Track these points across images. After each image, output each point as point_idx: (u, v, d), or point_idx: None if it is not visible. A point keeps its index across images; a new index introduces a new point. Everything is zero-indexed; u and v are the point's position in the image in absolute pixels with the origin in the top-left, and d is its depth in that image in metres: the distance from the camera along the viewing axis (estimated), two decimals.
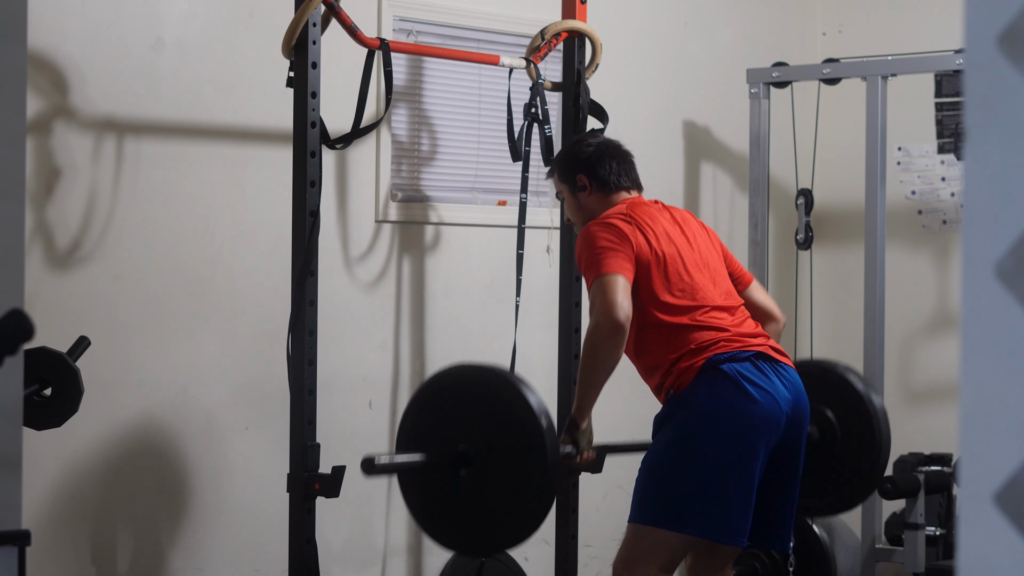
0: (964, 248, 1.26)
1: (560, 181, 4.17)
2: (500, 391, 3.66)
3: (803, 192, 5.84)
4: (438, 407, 3.76)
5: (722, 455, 3.78)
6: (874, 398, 4.36)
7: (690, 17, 5.90)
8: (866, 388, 4.38)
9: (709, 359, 3.82)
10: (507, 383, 3.66)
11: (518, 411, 3.59)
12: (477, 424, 3.67)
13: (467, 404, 3.71)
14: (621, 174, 4.13)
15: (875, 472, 4.36)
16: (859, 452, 4.32)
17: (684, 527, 3.80)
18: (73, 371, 3.67)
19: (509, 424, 3.61)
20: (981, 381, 1.24)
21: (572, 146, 4.24)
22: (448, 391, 3.77)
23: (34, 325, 2.07)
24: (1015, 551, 1.22)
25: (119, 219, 4.38)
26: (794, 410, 3.88)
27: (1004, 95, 1.23)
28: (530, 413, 3.57)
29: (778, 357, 3.91)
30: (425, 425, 3.77)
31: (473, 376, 3.78)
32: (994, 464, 1.23)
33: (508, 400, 3.62)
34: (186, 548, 4.53)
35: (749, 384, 3.80)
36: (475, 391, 3.72)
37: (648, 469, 3.88)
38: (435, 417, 3.75)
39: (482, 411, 3.67)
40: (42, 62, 4.24)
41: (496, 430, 3.64)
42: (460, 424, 3.69)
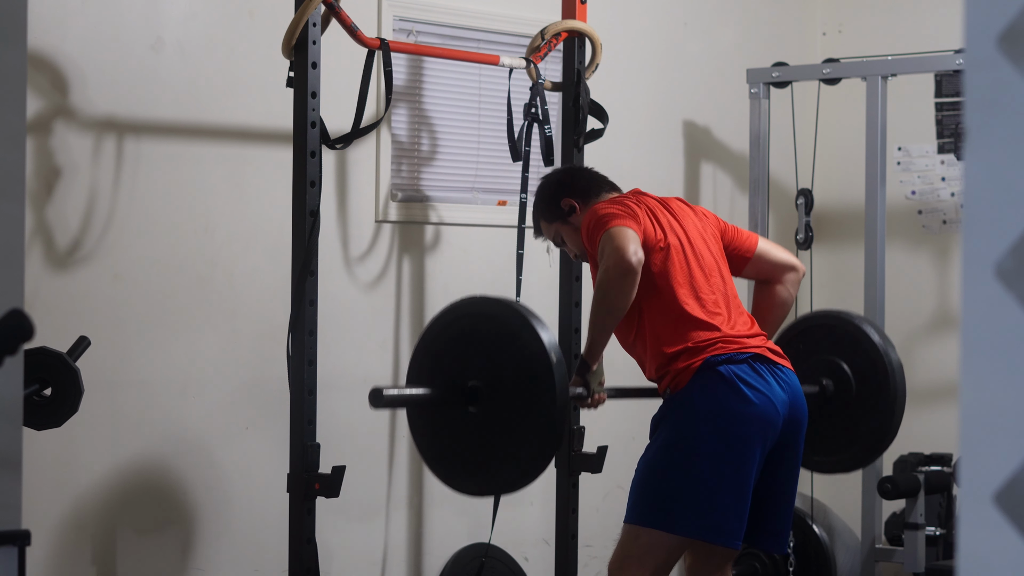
0: (964, 248, 1.26)
1: (549, 223, 4.15)
2: (511, 325, 3.56)
3: (803, 192, 5.84)
4: (448, 341, 3.66)
5: (717, 457, 3.77)
6: (891, 352, 4.26)
7: (690, 17, 5.90)
8: (883, 342, 4.28)
9: (706, 360, 3.81)
10: (519, 317, 3.57)
11: (529, 347, 3.51)
12: (487, 359, 3.57)
13: (478, 338, 3.61)
14: (598, 182, 4.15)
15: (888, 430, 4.26)
16: (873, 408, 4.25)
17: (678, 528, 3.80)
18: (73, 371, 3.67)
19: (519, 360, 3.51)
20: (981, 381, 1.24)
21: (540, 188, 4.22)
22: (458, 324, 3.66)
23: (34, 325, 2.07)
24: (1015, 551, 1.22)
25: (119, 219, 4.38)
26: (791, 412, 3.87)
27: (1004, 95, 1.23)
28: (541, 348, 3.49)
29: (775, 359, 3.90)
30: (435, 358, 3.68)
31: (484, 309, 3.66)
32: (994, 464, 1.23)
33: (519, 335, 3.51)
34: (186, 548, 4.53)
35: (745, 386, 3.79)
36: (486, 325, 3.60)
37: (644, 470, 3.88)
38: (445, 352, 3.66)
39: (493, 346, 3.57)
40: (42, 62, 4.24)
41: (506, 365, 3.55)
42: (470, 359, 3.59)
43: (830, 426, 4.21)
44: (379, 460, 4.97)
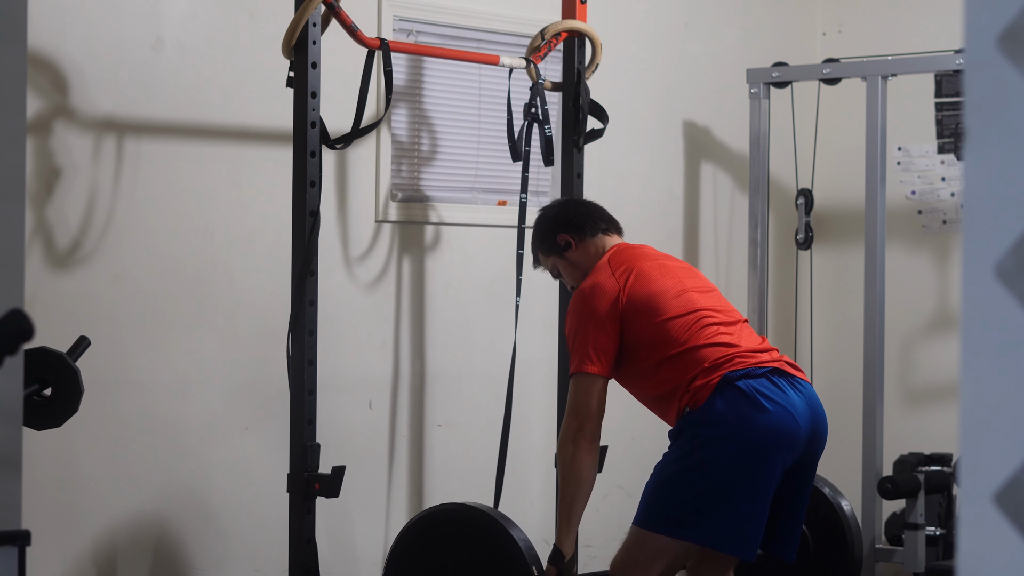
0: (964, 248, 1.26)
1: (547, 256, 4.20)
2: (490, 533, 3.70)
3: (803, 192, 5.84)
4: (426, 547, 3.83)
5: (736, 468, 3.75)
6: (843, 504, 4.53)
7: (690, 17, 5.90)
8: (834, 495, 4.52)
9: (724, 376, 3.80)
10: (497, 525, 3.72)
11: (508, 556, 3.63)
12: (466, 568, 3.72)
13: (456, 545, 3.77)
14: (594, 217, 4.17)
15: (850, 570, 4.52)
16: (832, 559, 4.45)
17: (686, 534, 3.79)
18: (73, 371, 3.66)
19: (499, 569, 3.66)
20: (981, 381, 1.24)
21: (537, 220, 4.25)
22: (436, 530, 3.89)
23: (34, 325, 2.07)
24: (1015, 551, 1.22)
25: (119, 219, 4.38)
26: (812, 425, 3.86)
27: (1004, 95, 1.23)
28: (520, 559, 3.64)
29: (794, 372, 3.89)
30: (413, 567, 3.87)
31: (462, 516, 3.86)
32: (994, 464, 1.23)
33: (498, 543, 3.66)
34: (186, 548, 4.53)
35: (766, 400, 3.77)
36: (464, 531, 3.79)
37: (659, 476, 3.86)
38: (423, 559, 3.80)
39: (471, 554, 3.73)
40: (42, 62, 4.24)
41: (486, 571, 3.70)
42: (449, 567, 3.75)
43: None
44: (379, 460, 4.97)
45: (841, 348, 6.10)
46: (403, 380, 5.01)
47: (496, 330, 5.15)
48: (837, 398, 5.85)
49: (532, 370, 5.24)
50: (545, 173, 5.34)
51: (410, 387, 5.03)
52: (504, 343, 4.90)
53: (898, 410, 5.90)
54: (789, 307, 6.08)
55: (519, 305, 4.74)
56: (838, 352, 6.11)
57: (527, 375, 5.18)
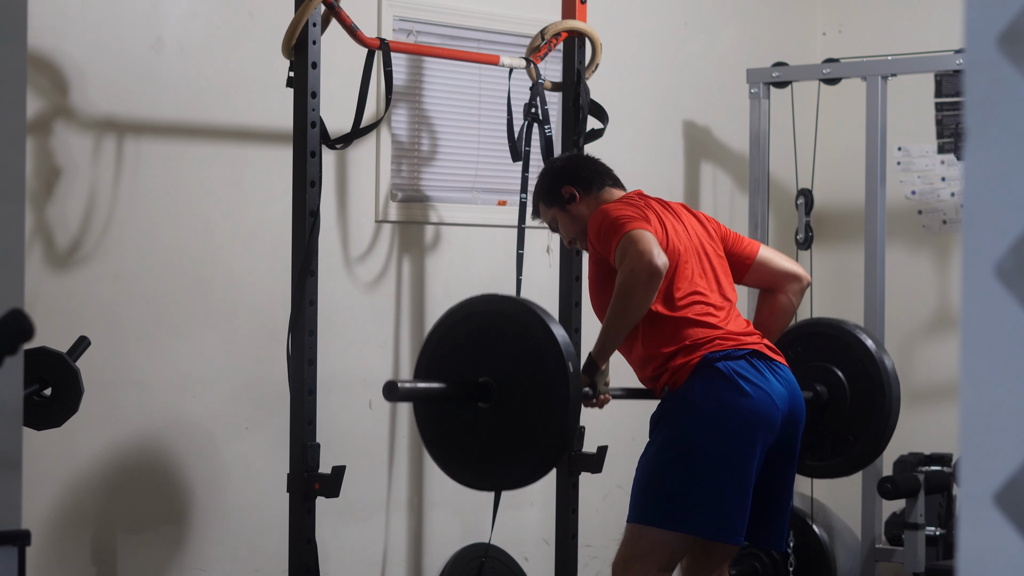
0: (964, 248, 1.26)
1: (548, 207, 4.16)
2: (527, 324, 3.56)
3: (803, 192, 5.84)
4: (460, 337, 3.67)
5: (719, 453, 3.78)
6: (886, 360, 4.29)
7: (690, 17, 5.90)
8: (878, 349, 4.30)
9: (704, 357, 3.82)
10: (535, 317, 3.57)
11: (544, 347, 3.51)
12: (501, 357, 3.58)
13: (490, 336, 3.62)
14: (601, 173, 4.15)
15: (882, 436, 4.29)
16: (868, 413, 4.28)
17: (682, 526, 3.80)
18: (73, 371, 3.67)
19: (534, 360, 3.53)
20: (981, 381, 1.24)
21: (543, 172, 4.24)
22: (471, 321, 3.67)
23: (34, 325, 2.07)
24: (1015, 551, 1.22)
25: (119, 219, 4.38)
26: (790, 408, 3.88)
27: (1004, 95, 1.23)
28: (556, 350, 3.50)
29: (773, 355, 3.91)
30: (446, 354, 3.69)
31: (498, 307, 3.67)
32: (994, 464, 1.23)
33: (535, 335, 3.53)
34: (186, 548, 4.53)
35: (744, 382, 3.80)
36: (499, 322, 3.61)
37: (645, 468, 3.88)
38: (458, 346, 3.67)
39: (507, 345, 3.59)
40: (42, 62, 4.24)
41: (520, 365, 3.56)
42: (483, 355, 3.60)
43: (824, 432, 4.22)
44: (379, 460, 4.97)
45: None
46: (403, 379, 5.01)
47: None
48: None
49: None
50: None
51: None
52: None
53: None
54: None
55: None
56: None
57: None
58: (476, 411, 3.61)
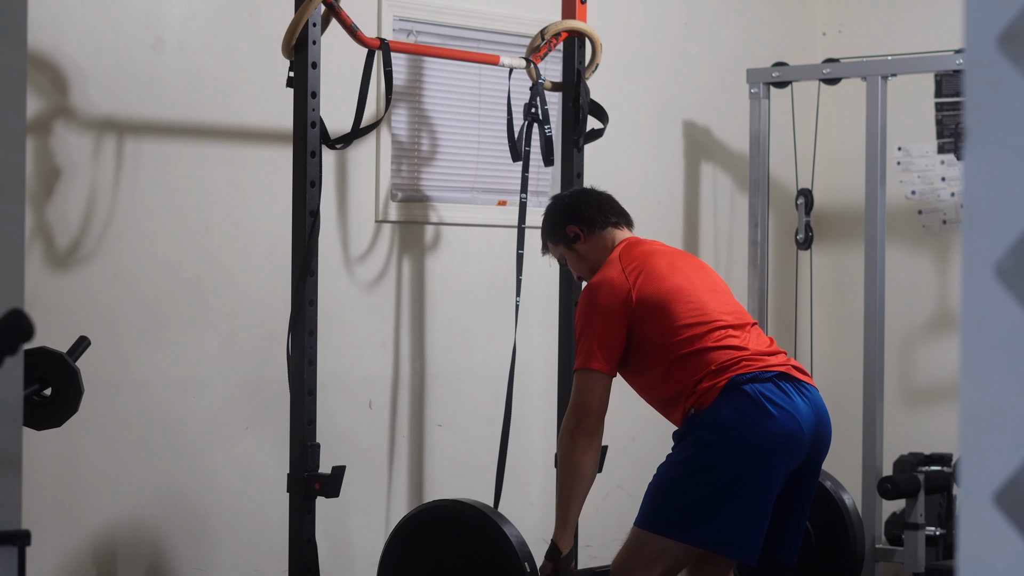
0: (964, 248, 1.26)
1: (555, 245, 4.19)
2: (482, 529, 3.71)
3: (803, 192, 5.84)
4: (418, 547, 3.84)
5: (740, 472, 3.75)
6: (845, 498, 4.50)
7: (690, 17, 5.90)
8: (836, 489, 4.49)
9: (731, 380, 3.80)
10: (489, 521, 3.73)
11: (501, 553, 3.64)
12: (459, 566, 3.75)
13: (449, 544, 3.77)
14: (604, 210, 4.15)
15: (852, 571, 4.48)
16: (834, 554, 4.42)
17: (688, 537, 3.78)
18: (73, 371, 3.66)
19: (492, 566, 3.67)
20: (981, 381, 1.24)
21: (548, 209, 4.25)
22: (428, 527, 3.89)
23: (34, 325, 2.07)
24: (1015, 551, 1.22)
25: (119, 219, 4.38)
26: (816, 429, 3.86)
27: (1004, 95, 1.23)
28: (513, 556, 3.65)
29: (800, 377, 3.88)
30: (406, 567, 3.88)
31: (455, 513, 3.88)
32: (994, 464, 1.23)
33: (491, 541, 3.67)
34: (186, 548, 4.53)
35: (771, 405, 3.77)
36: (457, 529, 3.80)
37: (662, 477, 3.86)
38: (416, 558, 3.82)
39: (464, 552, 3.74)
40: (42, 62, 4.24)
41: (480, 569, 3.70)
42: (442, 566, 3.78)
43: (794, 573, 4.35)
44: (379, 460, 4.97)
45: (841, 348, 6.10)
46: (403, 380, 5.01)
47: (496, 330, 5.15)
48: (837, 398, 5.85)
49: (532, 370, 5.24)
50: (545, 173, 5.34)
51: (410, 387, 5.03)
52: (504, 343, 4.90)
53: (898, 410, 5.90)
54: (789, 307, 6.08)
55: (519, 305, 4.74)
56: (838, 352, 6.11)
57: (527, 375, 5.18)
58: None
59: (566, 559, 3.93)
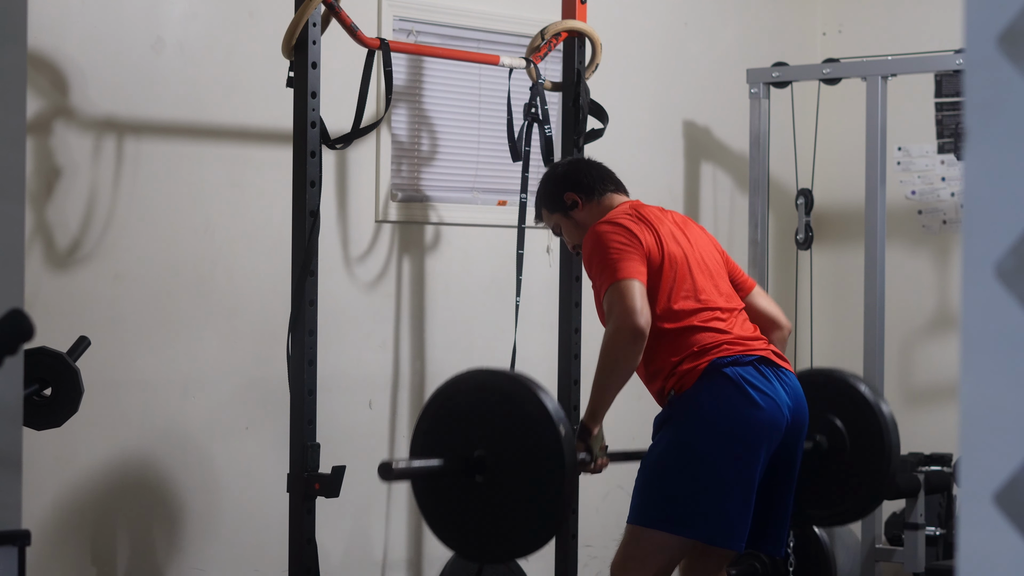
0: (964, 248, 1.26)
1: (551, 213, 4.15)
2: (518, 396, 3.62)
3: (803, 192, 5.84)
4: (454, 412, 3.72)
5: (723, 459, 3.76)
6: (883, 406, 4.32)
7: (690, 17, 5.90)
8: (875, 396, 4.34)
9: (712, 362, 3.80)
10: (525, 388, 3.63)
11: (536, 417, 3.56)
12: (494, 429, 3.63)
13: (483, 409, 3.67)
14: (603, 178, 4.14)
15: (884, 482, 4.32)
16: (868, 461, 4.30)
17: (683, 530, 3.79)
18: (73, 371, 3.66)
19: (527, 430, 3.58)
20: (981, 381, 1.24)
21: (545, 177, 4.23)
22: (464, 395, 3.72)
23: (34, 325, 2.07)
24: (1015, 551, 1.22)
25: (119, 219, 4.38)
26: (794, 416, 3.87)
27: (1004, 95, 1.23)
28: (548, 419, 3.54)
29: (779, 362, 3.90)
30: (440, 429, 3.73)
31: (490, 381, 3.73)
32: (994, 464, 1.23)
33: (526, 405, 3.58)
34: (186, 548, 4.53)
35: (752, 388, 3.78)
36: (492, 396, 3.67)
37: (648, 471, 3.87)
38: (451, 422, 3.72)
39: (499, 416, 3.64)
40: (42, 62, 4.24)
41: (513, 436, 3.61)
42: (476, 429, 3.65)
43: (826, 481, 4.23)
44: (379, 460, 4.95)
45: (841, 348, 6.10)
46: (403, 380, 5.01)
47: (496, 330, 5.15)
48: None
49: (532, 370, 5.23)
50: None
51: (410, 387, 5.03)
52: (504, 343, 4.90)
53: (898, 410, 5.89)
54: (789, 307, 6.08)
55: (519, 305, 4.74)
56: (838, 352, 6.11)
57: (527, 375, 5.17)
58: (473, 485, 3.65)
59: (596, 438, 3.89)
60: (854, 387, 4.32)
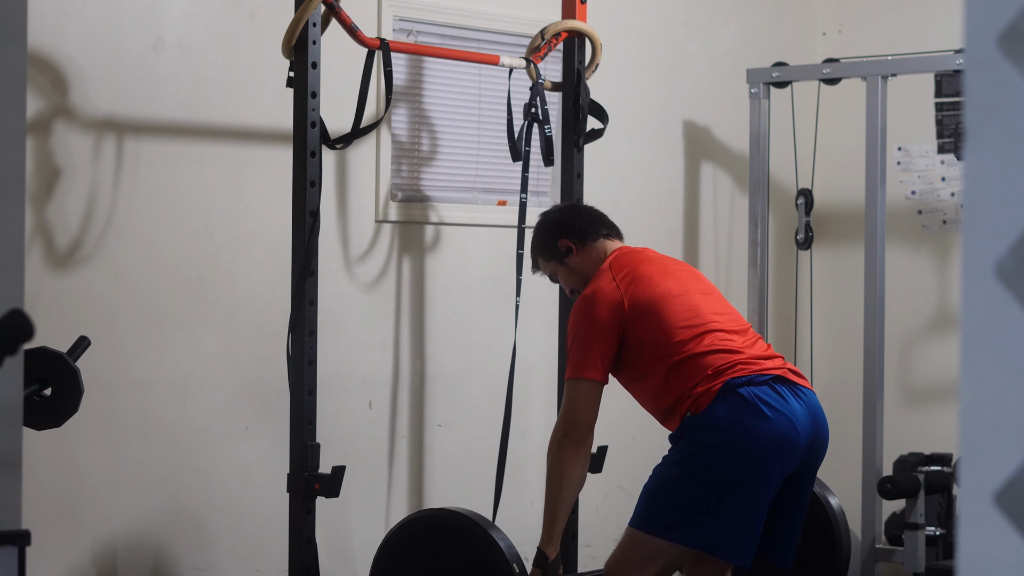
0: (964, 248, 1.26)
1: (547, 262, 4.20)
2: (471, 535, 3.75)
3: (803, 192, 5.84)
4: (408, 556, 3.85)
5: (735, 474, 3.75)
6: (831, 499, 4.50)
7: (690, 17, 5.90)
8: (821, 489, 4.49)
9: (726, 383, 3.80)
10: (478, 527, 3.77)
11: (490, 557, 3.66)
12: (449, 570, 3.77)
13: (438, 551, 3.78)
14: (595, 223, 4.18)
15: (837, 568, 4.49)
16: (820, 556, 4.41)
17: (682, 538, 3.78)
18: (73, 371, 3.66)
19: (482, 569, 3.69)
20: (981, 381, 1.24)
21: (538, 226, 4.26)
22: (418, 537, 3.91)
23: (34, 325, 2.07)
24: (1015, 551, 1.22)
25: (119, 219, 4.38)
26: (812, 433, 3.85)
27: (1004, 95, 1.23)
28: (502, 558, 3.66)
29: (796, 380, 3.88)
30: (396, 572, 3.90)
31: (443, 520, 3.91)
32: (994, 464, 1.23)
33: (479, 545, 3.69)
34: (186, 548, 4.53)
35: (767, 407, 3.77)
36: (446, 537, 3.83)
37: (657, 478, 3.86)
38: (407, 565, 3.82)
39: (454, 558, 3.75)
40: (42, 62, 4.24)
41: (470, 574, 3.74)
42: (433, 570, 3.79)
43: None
44: (379, 460, 4.97)
45: (841, 348, 6.10)
46: (403, 380, 5.01)
47: (496, 330, 5.15)
48: (837, 398, 5.85)
49: (532, 370, 5.24)
50: (545, 173, 5.34)
51: (410, 387, 5.03)
52: (504, 343, 4.90)
53: (898, 410, 5.90)
54: (789, 307, 6.08)
55: (519, 305, 4.74)
56: (838, 352, 6.11)
57: (527, 375, 5.18)
58: None
59: (553, 564, 3.95)
60: None
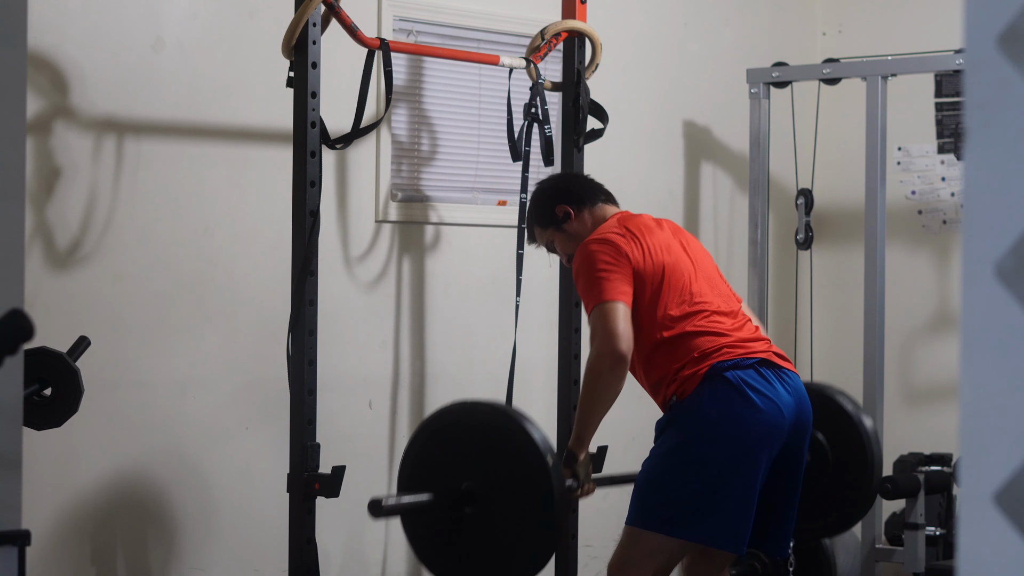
0: (964, 248, 1.26)
1: (543, 229, 4.15)
2: (503, 427, 3.67)
3: (803, 192, 5.84)
4: (440, 445, 3.78)
5: (724, 462, 3.75)
6: (865, 420, 4.35)
7: (690, 17, 5.90)
8: (856, 410, 4.37)
9: (712, 366, 3.79)
10: (510, 419, 3.68)
11: (522, 447, 3.60)
12: (481, 462, 3.69)
13: (470, 441, 3.72)
14: (592, 189, 4.16)
15: (868, 494, 4.35)
16: (852, 474, 4.32)
17: (682, 532, 3.79)
18: (73, 371, 3.66)
19: (514, 460, 3.62)
20: (981, 381, 1.24)
21: (534, 194, 4.24)
22: (450, 428, 3.78)
23: (34, 325, 2.07)
24: (1015, 551, 1.22)
25: (119, 219, 4.38)
26: (797, 416, 3.86)
27: (1004, 95, 1.23)
28: (534, 449, 3.58)
29: (781, 363, 3.88)
30: (428, 463, 3.80)
31: (475, 413, 3.79)
32: (994, 464, 1.23)
33: (512, 436, 3.62)
34: (186, 548, 4.53)
35: (753, 392, 3.77)
36: (478, 428, 3.72)
37: (648, 473, 3.86)
38: (437, 455, 3.77)
39: (485, 448, 3.69)
40: (42, 62, 4.24)
41: (500, 467, 3.65)
42: (463, 462, 3.71)
43: (809, 494, 4.23)
44: (379, 460, 4.97)
45: (841, 348, 6.10)
46: (403, 380, 5.01)
47: (496, 330, 5.15)
48: None
49: (532, 370, 5.24)
50: (545, 173, 5.34)
51: (410, 387, 5.03)
52: (504, 343, 4.90)
53: (898, 410, 5.90)
54: (789, 307, 6.08)
55: (519, 305, 4.74)
56: (838, 352, 6.11)
57: (527, 375, 5.18)
58: (463, 517, 3.69)
59: (583, 464, 3.89)
60: (836, 402, 4.33)
